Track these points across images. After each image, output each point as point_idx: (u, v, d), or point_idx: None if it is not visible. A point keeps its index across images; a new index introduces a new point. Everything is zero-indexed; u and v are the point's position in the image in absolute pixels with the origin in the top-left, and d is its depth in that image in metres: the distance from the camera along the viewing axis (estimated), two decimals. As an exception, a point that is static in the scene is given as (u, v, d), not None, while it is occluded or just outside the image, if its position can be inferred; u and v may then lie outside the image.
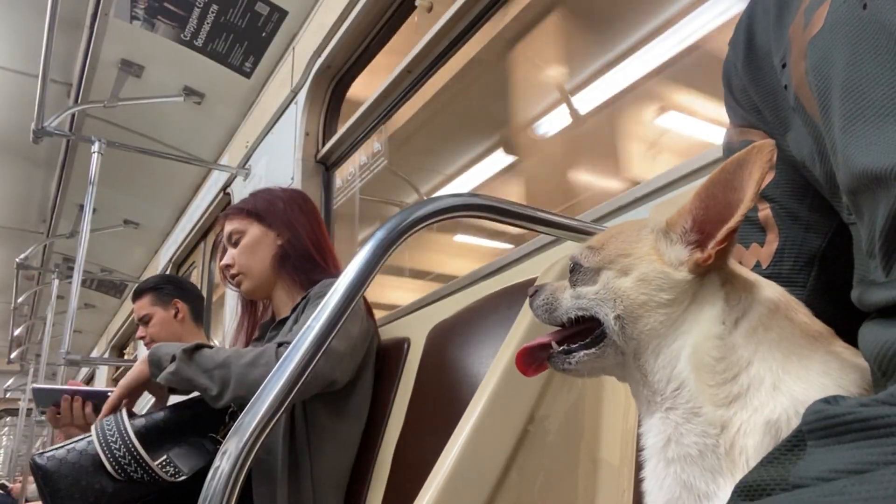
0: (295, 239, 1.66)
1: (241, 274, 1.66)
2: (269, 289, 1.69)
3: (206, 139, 3.53)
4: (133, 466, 1.36)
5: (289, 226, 1.68)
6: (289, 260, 1.65)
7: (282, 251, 1.66)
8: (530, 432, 0.96)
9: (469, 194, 0.96)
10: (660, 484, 0.51)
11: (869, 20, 0.47)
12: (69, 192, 4.04)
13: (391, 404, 1.49)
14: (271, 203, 1.71)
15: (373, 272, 0.83)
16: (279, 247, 1.66)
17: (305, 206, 1.74)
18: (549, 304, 0.61)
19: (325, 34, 2.44)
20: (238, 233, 1.68)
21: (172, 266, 4.60)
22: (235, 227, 1.69)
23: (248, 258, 1.66)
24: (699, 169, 1.07)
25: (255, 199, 1.73)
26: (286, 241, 1.66)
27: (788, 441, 0.41)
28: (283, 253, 1.66)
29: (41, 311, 6.24)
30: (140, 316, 2.41)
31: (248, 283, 1.67)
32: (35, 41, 2.43)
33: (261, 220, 1.68)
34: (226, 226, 1.71)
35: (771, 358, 0.50)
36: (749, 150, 0.49)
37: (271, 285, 1.68)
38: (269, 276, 1.66)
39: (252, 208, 1.70)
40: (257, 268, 1.65)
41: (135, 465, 1.36)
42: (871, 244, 0.47)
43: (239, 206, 1.74)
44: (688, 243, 0.54)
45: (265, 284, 1.67)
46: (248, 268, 1.66)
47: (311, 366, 0.79)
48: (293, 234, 1.67)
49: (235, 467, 0.72)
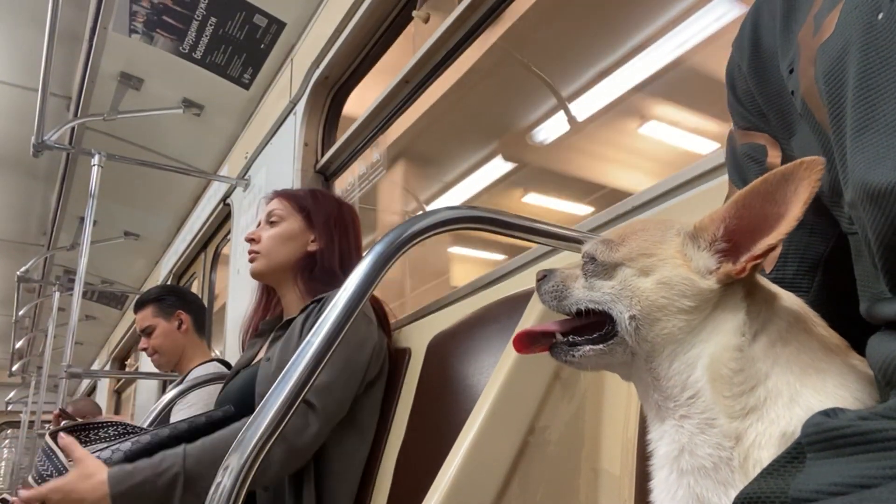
0: (328, 251, 1.64)
1: (260, 254, 1.63)
2: (278, 281, 1.66)
3: (206, 150, 3.54)
4: None
5: (329, 236, 1.66)
6: (314, 267, 1.63)
7: (310, 256, 1.64)
8: (531, 443, 0.96)
9: (467, 207, 0.97)
10: (672, 495, 0.51)
11: (882, 29, 0.46)
12: (69, 205, 4.04)
13: (392, 415, 1.49)
14: (324, 207, 1.69)
15: (372, 285, 0.83)
16: (310, 252, 1.64)
17: (353, 224, 1.73)
18: (559, 291, 0.58)
19: (323, 45, 2.45)
20: (279, 216, 1.65)
21: (173, 277, 4.60)
22: (279, 209, 1.66)
23: (275, 244, 1.63)
24: (701, 175, 1.07)
25: (312, 195, 1.72)
26: (319, 249, 1.64)
27: (788, 453, 0.41)
28: (311, 258, 1.64)
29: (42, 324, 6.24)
30: (143, 327, 2.41)
31: (261, 264, 1.63)
32: (34, 55, 2.44)
33: (306, 216, 1.66)
34: (271, 202, 1.69)
35: (789, 371, 0.49)
36: (797, 165, 0.48)
37: (282, 278, 1.65)
38: (285, 269, 1.64)
39: (303, 201, 1.68)
40: (278, 257, 1.63)
41: None
42: (872, 257, 0.46)
43: (293, 191, 1.72)
44: (716, 251, 0.53)
45: (276, 274, 1.65)
46: (269, 251, 1.63)
47: (313, 380, 0.79)
48: (328, 246, 1.65)
49: (237, 483, 0.72)
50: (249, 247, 1.66)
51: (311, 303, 1.53)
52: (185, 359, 2.41)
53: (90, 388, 7.73)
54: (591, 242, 0.59)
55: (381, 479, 1.41)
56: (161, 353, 2.40)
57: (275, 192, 1.73)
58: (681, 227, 0.56)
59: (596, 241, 0.59)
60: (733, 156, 0.68)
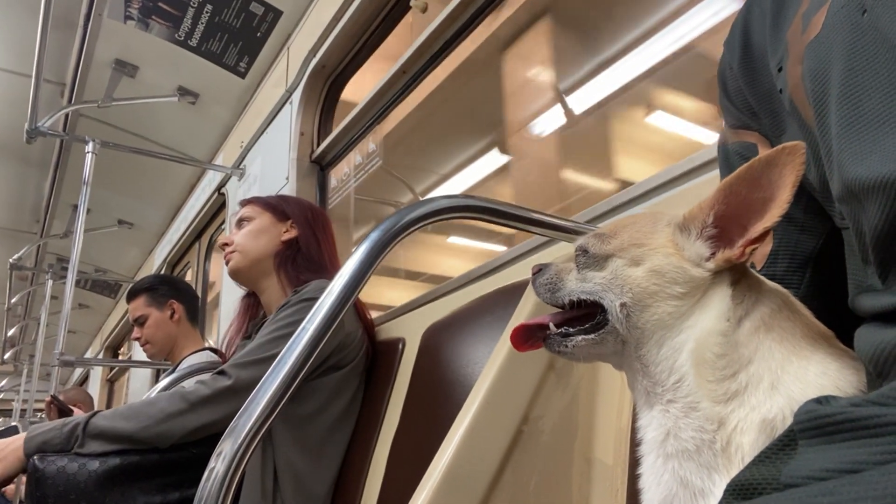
0: (306, 237, 1.68)
1: (235, 252, 1.67)
2: (257, 278, 1.68)
3: (201, 139, 3.53)
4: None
5: (305, 224, 1.70)
6: (296, 256, 1.65)
7: (289, 246, 1.66)
8: (524, 432, 0.96)
9: (463, 196, 0.97)
10: (658, 480, 0.51)
11: (867, 27, 0.46)
12: (63, 193, 4.02)
13: (386, 404, 1.49)
14: (296, 202, 1.76)
15: (367, 274, 0.83)
16: (287, 241, 1.67)
17: (327, 223, 1.78)
18: (553, 283, 0.60)
19: (320, 34, 2.43)
20: (248, 218, 1.71)
21: (167, 266, 4.59)
22: (247, 213, 1.72)
23: (247, 240, 1.67)
24: (695, 169, 1.08)
25: (281, 197, 1.78)
26: (296, 236, 1.67)
27: (780, 440, 0.41)
28: (290, 247, 1.66)
29: (35, 312, 6.22)
30: (135, 317, 2.40)
31: (237, 260, 1.67)
32: (28, 41, 2.42)
33: (273, 211, 1.71)
34: (240, 211, 1.74)
35: (770, 357, 0.50)
36: (780, 151, 0.49)
37: (261, 274, 1.67)
38: (263, 263, 1.66)
39: (271, 200, 1.74)
40: (253, 250, 1.66)
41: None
42: (864, 251, 0.47)
43: (261, 196, 1.78)
44: (707, 238, 0.54)
45: (254, 269, 1.67)
46: (243, 247, 1.67)
47: (306, 367, 0.79)
48: (305, 232, 1.69)
49: (230, 469, 0.72)
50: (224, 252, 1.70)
51: (292, 294, 1.54)
52: (178, 348, 2.41)
53: (83, 377, 7.71)
54: (583, 237, 0.60)
55: (375, 467, 1.41)
56: (153, 343, 2.40)
57: (242, 201, 1.77)
58: (671, 218, 0.57)
59: (588, 235, 0.60)
60: (725, 154, 0.69)
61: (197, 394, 1.39)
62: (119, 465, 1.37)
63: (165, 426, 1.38)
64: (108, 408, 3.13)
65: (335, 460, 1.51)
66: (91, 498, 1.32)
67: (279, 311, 1.49)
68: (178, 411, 1.38)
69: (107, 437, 1.37)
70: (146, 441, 1.38)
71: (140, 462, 1.39)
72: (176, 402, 1.39)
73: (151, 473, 1.41)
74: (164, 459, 1.42)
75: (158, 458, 1.41)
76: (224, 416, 1.37)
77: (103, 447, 1.36)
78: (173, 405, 1.39)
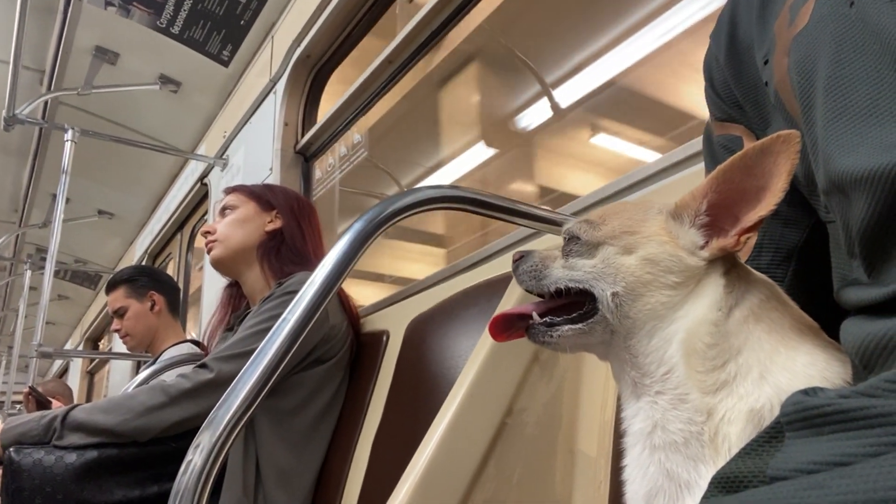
0: (290, 227, 1.66)
1: (217, 241, 1.64)
2: (240, 268, 1.66)
3: (183, 128, 3.48)
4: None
5: (290, 213, 1.68)
6: (277, 247, 1.63)
7: (273, 237, 1.64)
8: (508, 425, 0.96)
9: (449, 186, 0.95)
10: (643, 472, 0.51)
11: (854, 19, 0.46)
12: (42, 182, 3.96)
13: (370, 397, 1.48)
14: (281, 192, 1.73)
15: (350, 264, 0.82)
16: (271, 232, 1.65)
17: (313, 213, 1.76)
18: (538, 271, 0.58)
19: (305, 23, 2.40)
20: (231, 207, 1.68)
21: (148, 257, 4.53)
22: (231, 201, 1.69)
23: (230, 229, 1.65)
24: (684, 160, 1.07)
25: (266, 186, 1.75)
26: (281, 226, 1.65)
27: (766, 433, 0.40)
28: (273, 238, 1.64)
29: (13, 303, 6.13)
30: (115, 308, 2.36)
31: (219, 250, 1.64)
32: (6, 27, 2.37)
33: (258, 200, 1.69)
34: (225, 199, 1.72)
35: (759, 348, 0.49)
36: (774, 139, 0.48)
37: (243, 265, 1.65)
38: (245, 253, 1.63)
39: (256, 189, 1.72)
40: (236, 239, 1.64)
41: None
42: (850, 244, 0.46)
43: (246, 185, 1.75)
44: (700, 226, 0.54)
45: (236, 259, 1.64)
46: (225, 236, 1.64)
47: (286, 359, 0.77)
48: (290, 223, 1.66)
49: (208, 461, 0.71)
50: (206, 240, 1.67)
51: (275, 286, 1.52)
52: (158, 340, 2.38)
53: (62, 369, 7.62)
54: (572, 222, 0.59)
55: (357, 460, 1.40)
56: (133, 336, 2.37)
57: (227, 188, 1.75)
58: (661, 206, 0.56)
59: (577, 220, 0.59)
60: (710, 147, 0.69)
61: (178, 387, 1.37)
62: (96, 458, 1.34)
63: (145, 420, 1.36)
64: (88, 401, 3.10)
65: (318, 454, 1.50)
66: (67, 491, 1.30)
67: (262, 303, 1.47)
68: (159, 405, 1.36)
69: (86, 431, 1.35)
70: (126, 435, 1.36)
71: (118, 455, 1.37)
72: (156, 395, 1.37)
73: (129, 467, 1.38)
74: (143, 453, 1.40)
75: (137, 452, 1.39)
76: (205, 410, 1.34)
77: (82, 440, 1.34)
78: (154, 399, 1.37)
